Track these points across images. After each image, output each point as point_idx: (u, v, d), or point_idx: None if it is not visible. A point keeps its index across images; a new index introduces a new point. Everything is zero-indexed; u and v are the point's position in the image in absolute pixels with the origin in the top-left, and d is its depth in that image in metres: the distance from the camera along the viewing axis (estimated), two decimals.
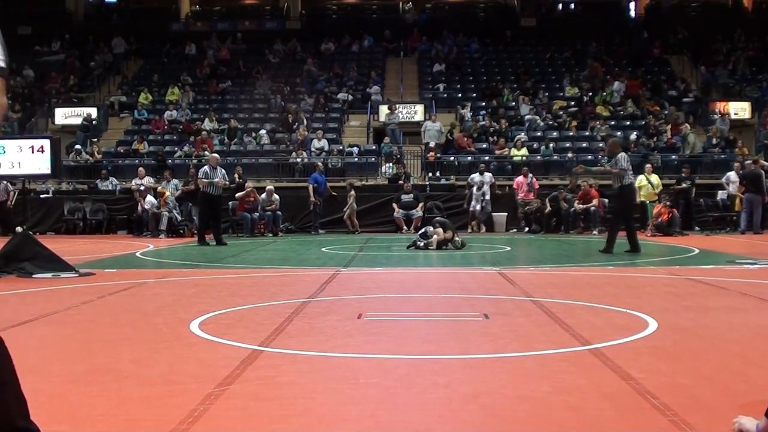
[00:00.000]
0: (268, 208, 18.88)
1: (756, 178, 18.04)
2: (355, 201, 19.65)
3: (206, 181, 15.47)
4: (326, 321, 6.21)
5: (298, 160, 22.28)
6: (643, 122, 24.64)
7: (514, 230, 19.47)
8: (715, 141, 23.22)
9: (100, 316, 6.66)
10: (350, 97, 27.16)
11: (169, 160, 22.57)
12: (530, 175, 19.58)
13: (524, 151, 22.37)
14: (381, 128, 25.06)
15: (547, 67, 29.49)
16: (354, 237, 18.15)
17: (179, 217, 19.14)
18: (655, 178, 19.18)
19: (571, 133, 24.32)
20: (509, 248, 14.68)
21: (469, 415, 3.60)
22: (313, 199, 19.38)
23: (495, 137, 23.47)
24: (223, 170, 16.10)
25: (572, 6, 34.89)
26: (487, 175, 19.92)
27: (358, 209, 19.94)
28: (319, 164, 20.38)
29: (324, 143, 23.32)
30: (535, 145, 23.22)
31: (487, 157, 21.98)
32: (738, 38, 29.94)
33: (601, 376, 4.28)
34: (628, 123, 25.00)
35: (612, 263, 11.16)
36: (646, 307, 6.71)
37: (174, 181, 19.88)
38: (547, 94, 26.73)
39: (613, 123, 24.84)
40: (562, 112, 25.45)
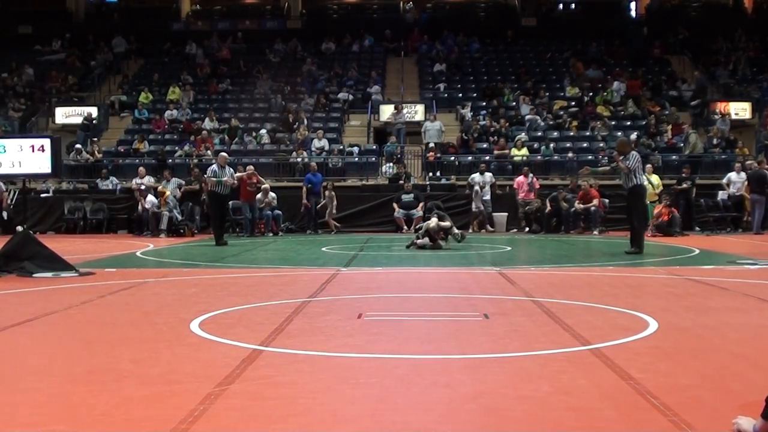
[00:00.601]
0: (263, 206, 18.83)
1: (761, 179, 18.11)
2: (334, 201, 19.32)
3: (215, 180, 15.41)
4: (326, 321, 6.21)
5: (299, 160, 22.26)
6: (644, 122, 24.63)
7: (515, 230, 19.47)
8: (715, 141, 23.22)
9: (100, 316, 6.65)
10: (350, 97, 27.15)
11: (170, 160, 22.54)
12: (531, 175, 19.56)
13: (524, 151, 22.35)
14: (381, 128, 25.04)
15: (548, 67, 29.48)
16: (354, 237, 18.11)
17: (179, 217, 19.14)
18: (656, 179, 19.15)
19: (572, 133, 24.30)
20: (509, 248, 14.67)
21: (469, 415, 3.61)
22: (305, 201, 19.33)
23: (495, 137, 23.46)
24: (231, 169, 16.10)
25: (572, 6, 34.83)
26: (488, 175, 19.92)
27: (359, 209, 19.89)
28: (313, 164, 20.21)
29: (324, 143, 23.31)
30: (536, 145, 23.19)
31: (488, 157, 21.97)
32: (738, 38, 29.90)
33: (601, 376, 4.28)
34: (629, 123, 24.98)
35: (612, 263, 11.16)
36: (646, 307, 6.71)
37: (175, 180, 19.87)
38: (547, 94, 26.71)
39: (613, 123, 24.83)
40: (562, 112, 25.43)
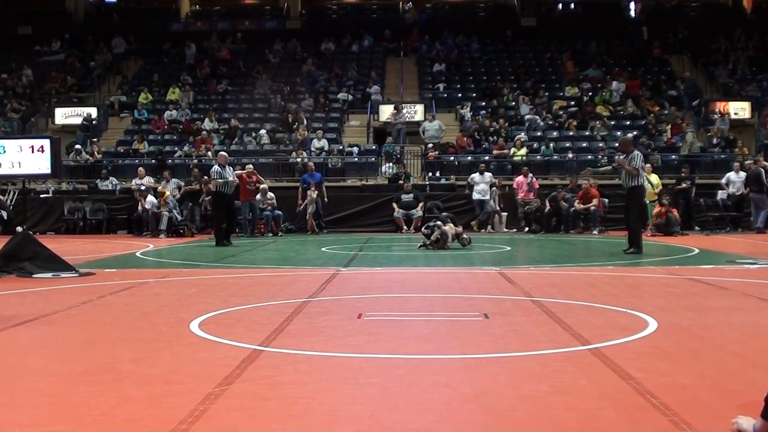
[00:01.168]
0: (264, 207, 18.82)
1: (757, 177, 18.17)
2: (318, 201, 19.18)
3: (221, 181, 15.32)
4: (326, 321, 6.20)
5: (298, 160, 22.26)
6: (643, 122, 24.63)
7: (514, 230, 19.47)
8: (715, 141, 23.22)
9: (100, 316, 6.65)
10: (350, 97, 27.15)
11: (169, 160, 22.55)
12: (530, 175, 19.56)
13: (524, 151, 22.36)
14: (381, 128, 25.04)
15: (547, 67, 29.49)
16: (354, 237, 18.11)
17: (179, 217, 19.14)
18: (655, 178, 19.15)
19: (571, 133, 24.32)
20: (509, 248, 14.67)
21: (469, 415, 3.60)
22: (300, 201, 19.33)
23: (495, 137, 23.47)
24: (231, 168, 16.05)
25: (572, 6, 34.82)
26: (487, 175, 19.92)
27: (359, 209, 19.87)
28: (310, 164, 20.16)
29: (324, 143, 23.31)
30: (535, 145, 23.21)
31: (487, 157, 21.97)
32: (738, 38, 29.91)
33: (601, 376, 4.28)
34: (628, 123, 24.99)
35: (612, 263, 11.17)
36: (646, 307, 6.71)
37: (174, 180, 19.86)
38: (547, 94, 26.72)
39: (613, 123, 24.83)
40: (562, 112, 25.45)
